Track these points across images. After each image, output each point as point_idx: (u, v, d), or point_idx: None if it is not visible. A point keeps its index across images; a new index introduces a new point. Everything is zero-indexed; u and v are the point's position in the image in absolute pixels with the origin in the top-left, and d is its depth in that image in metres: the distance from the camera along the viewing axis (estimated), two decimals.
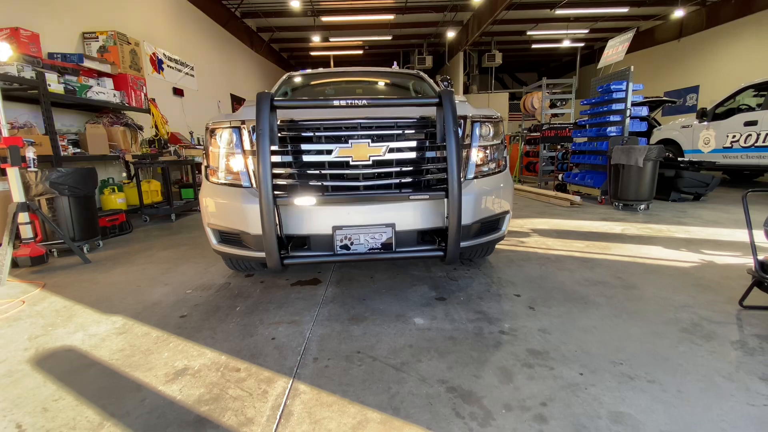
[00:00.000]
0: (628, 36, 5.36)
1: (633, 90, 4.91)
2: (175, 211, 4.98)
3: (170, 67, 6.88)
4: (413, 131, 1.89)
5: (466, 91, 15.39)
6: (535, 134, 8.15)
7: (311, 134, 1.85)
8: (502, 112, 2.95)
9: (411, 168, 1.90)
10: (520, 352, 1.60)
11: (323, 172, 1.86)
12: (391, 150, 1.86)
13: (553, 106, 7.30)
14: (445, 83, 3.49)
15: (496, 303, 2.09)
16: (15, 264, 2.95)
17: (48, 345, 1.77)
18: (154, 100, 5.49)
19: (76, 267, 3.03)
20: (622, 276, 2.46)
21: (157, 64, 6.53)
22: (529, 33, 13.00)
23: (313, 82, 3.69)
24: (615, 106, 4.99)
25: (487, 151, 2.10)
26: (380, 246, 1.86)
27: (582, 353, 1.58)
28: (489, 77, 15.11)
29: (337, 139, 1.86)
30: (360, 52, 14.56)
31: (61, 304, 2.27)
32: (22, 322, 2.03)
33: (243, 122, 1.94)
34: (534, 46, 14.77)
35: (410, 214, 1.88)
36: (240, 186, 1.97)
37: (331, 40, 12.63)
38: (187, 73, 7.42)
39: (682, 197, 5.28)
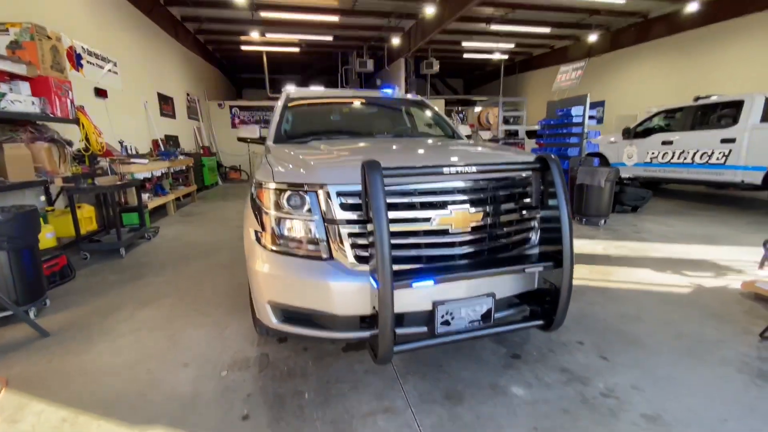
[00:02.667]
0: (582, 65, 5.91)
1: (589, 116, 5.42)
2: (123, 244, 4.16)
3: (91, 63, 5.70)
4: (508, 193, 1.80)
5: None
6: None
7: (409, 200, 1.65)
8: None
9: (511, 233, 1.81)
10: (637, 420, 1.62)
11: (422, 241, 1.67)
12: (490, 214, 1.75)
13: (506, 122, 7.77)
14: (461, 115, 3.42)
15: (569, 355, 2.11)
16: None
17: None
18: (83, 107, 4.48)
19: (32, 344, 2.34)
20: (647, 309, 2.67)
21: (75, 60, 5.35)
22: (464, 44, 13.64)
23: (315, 108, 3.36)
24: (574, 129, 5.47)
25: None
26: (480, 318, 1.73)
27: (688, 412, 1.66)
28: (425, 83, 15.54)
29: (433, 205, 1.68)
30: (296, 50, 13.82)
31: (56, 416, 1.71)
32: None
33: (322, 186, 1.64)
34: (465, 55, 15.56)
35: (508, 280, 1.79)
36: (319, 259, 1.68)
37: (267, 36, 11.74)
38: (110, 70, 6.24)
39: (623, 209, 6.02)
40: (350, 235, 1.63)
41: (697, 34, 10.03)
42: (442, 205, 1.67)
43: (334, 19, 10.40)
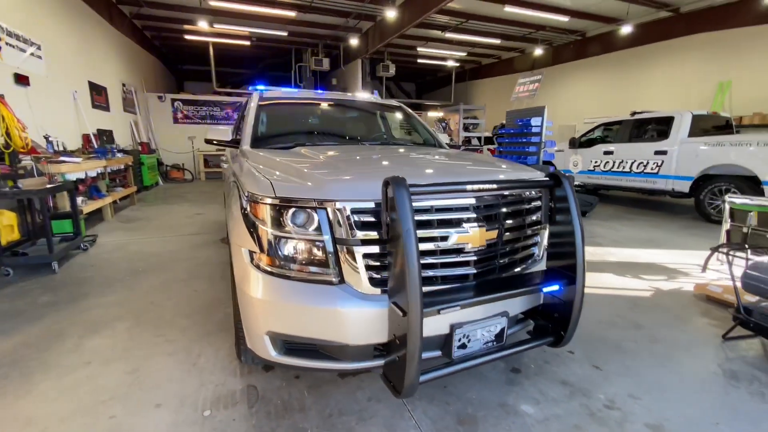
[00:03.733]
0: (539, 77, 6.22)
1: (547, 125, 5.72)
2: (56, 257, 3.59)
3: (10, 45, 4.86)
4: (519, 209, 1.78)
5: None
6: None
7: (427, 218, 1.54)
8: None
9: (519, 249, 1.78)
10: (643, 430, 1.67)
11: (439, 261, 1.57)
12: (502, 231, 1.70)
13: (466, 129, 7.99)
14: (443, 124, 3.40)
15: (565, 366, 2.15)
16: None
17: None
18: (2, 96, 3.78)
19: None
20: (620, 314, 2.83)
21: None
22: (419, 49, 13.85)
23: (292, 110, 3.14)
24: (534, 139, 5.74)
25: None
26: (494, 338, 1.68)
27: (685, 419, 1.75)
28: (381, 86, 15.55)
29: (450, 223, 1.60)
30: (246, 43, 13.08)
31: None
32: None
33: (334, 201, 1.49)
34: (419, 60, 15.82)
35: (519, 297, 1.76)
36: (329, 283, 1.51)
37: (215, 26, 10.96)
38: (33, 54, 5.39)
39: None
40: (365, 256, 1.49)
41: (629, 54, 11.09)
42: (458, 223, 1.60)
43: (290, 14, 10.00)
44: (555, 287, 1.69)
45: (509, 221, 1.73)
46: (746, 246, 3.46)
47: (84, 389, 1.91)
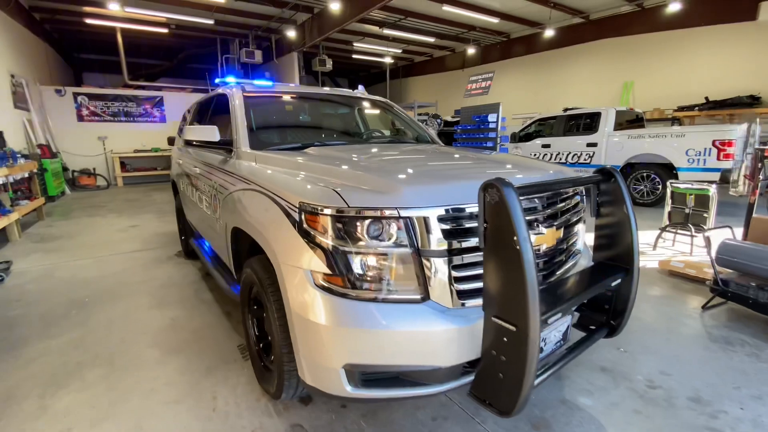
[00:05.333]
0: (491, 75, 6.49)
1: (502, 121, 6.01)
2: None
3: None
4: (574, 205, 1.78)
5: None
6: None
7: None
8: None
9: (574, 245, 1.79)
10: (689, 404, 1.80)
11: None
12: (566, 227, 1.69)
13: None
14: (438, 120, 3.33)
15: (596, 353, 2.24)
16: None
17: None
18: None
19: None
20: None
21: None
22: (356, 44, 13.66)
23: (288, 107, 2.84)
24: (491, 134, 5.99)
25: None
26: (561, 338, 1.67)
27: (711, 387, 1.92)
28: (315, 81, 15.06)
29: (530, 224, 1.53)
30: (164, 31, 11.64)
31: None
32: None
33: (418, 209, 1.32)
34: (354, 56, 15.63)
35: None
36: (415, 301, 1.35)
37: (126, 10, 9.54)
38: None
39: None
40: (455, 267, 1.36)
41: (550, 55, 12.18)
42: (534, 224, 1.54)
43: (220, 0, 9.12)
44: (618, 280, 1.73)
45: (568, 218, 1.72)
46: (689, 224, 3.99)
47: None
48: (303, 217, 1.41)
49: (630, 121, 7.83)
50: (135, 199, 8.08)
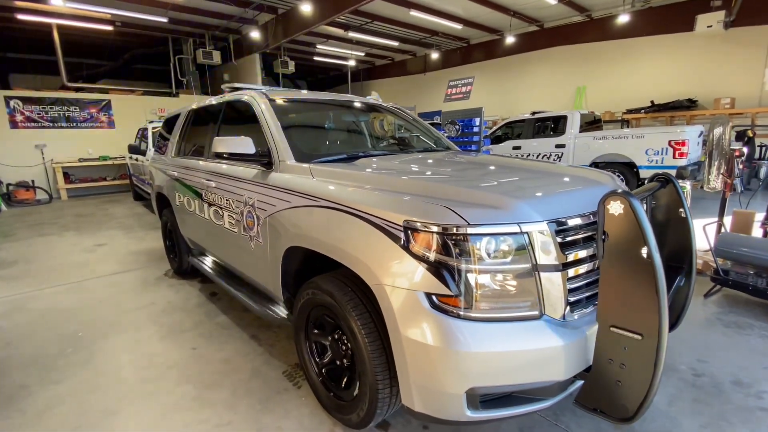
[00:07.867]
0: (471, 80, 6.66)
1: (485, 125, 6.20)
2: None
3: None
4: None
5: None
6: None
7: (584, 234, 1.49)
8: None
9: None
10: (733, 388, 1.96)
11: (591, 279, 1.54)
12: None
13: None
14: (457, 126, 3.34)
15: None
16: None
17: None
18: None
19: None
20: None
21: None
22: (318, 46, 13.42)
23: (312, 115, 2.72)
24: (475, 138, 6.16)
25: None
26: None
27: (746, 371, 2.11)
28: (278, 83, 14.58)
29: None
30: (108, 28, 10.62)
31: None
32: None
33: (538, 223, 1.31)
34: (316, 58, 15.36)
35: None
36: (533, 318, 1.33)
37: (68, 5, 8.57)
38: None
39: None
40: (569, 279, 1.36)
41: (508, 61, 12.77)
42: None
43: None
44: (682, 280, 1.83)
45: None
46: None
47: None
48: (411, 235, 1.34)
49: (589, 123, 8.43)
50: (89, 214, 7.29)
